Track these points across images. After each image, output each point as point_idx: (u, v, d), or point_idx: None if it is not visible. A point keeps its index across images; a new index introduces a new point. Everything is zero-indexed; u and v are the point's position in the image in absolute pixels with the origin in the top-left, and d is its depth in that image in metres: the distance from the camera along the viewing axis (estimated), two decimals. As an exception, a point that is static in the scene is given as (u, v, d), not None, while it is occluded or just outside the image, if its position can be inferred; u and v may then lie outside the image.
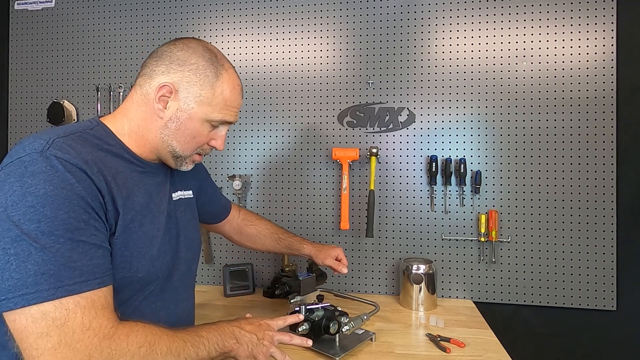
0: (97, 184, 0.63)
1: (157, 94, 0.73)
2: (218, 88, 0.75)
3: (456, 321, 1.21)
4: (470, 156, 1.40)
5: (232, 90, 0.78)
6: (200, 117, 0.75)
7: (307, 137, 1.50)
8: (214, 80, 0.75)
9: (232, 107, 0.78)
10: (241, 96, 0.81)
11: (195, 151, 0.79)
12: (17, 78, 1.68)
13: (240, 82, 0.81)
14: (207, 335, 0.69)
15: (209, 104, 0.75)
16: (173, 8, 1.58)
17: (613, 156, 1.33)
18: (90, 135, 0.70)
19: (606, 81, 1.33)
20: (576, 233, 1.35)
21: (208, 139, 0.79)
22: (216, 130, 0.80)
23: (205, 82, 0.74)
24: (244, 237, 1.18)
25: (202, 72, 0.74)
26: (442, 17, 1.42)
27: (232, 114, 0.79)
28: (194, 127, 0.76)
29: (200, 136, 0.77)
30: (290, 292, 1.16)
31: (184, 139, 0.76)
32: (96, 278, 0.59)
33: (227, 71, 0.77)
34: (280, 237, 1.19)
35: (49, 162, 0.60)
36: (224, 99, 0.76)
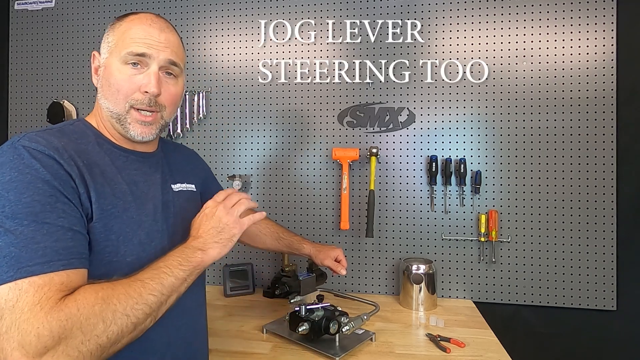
0: (67, 169, 0.63)
1: (93, 67, 0.76)
2: (123, 27, 0.74)
3: (456, 321, 1.22)
4: (470, 156, 1.40)
5: (139, 23, 0.73)
6: (114, 61, 0.73)
7: (307, 137, 1.50)
8: (119, 24, 0.75)
9: (139, 38, 0.72)
10: (156, 28, 0.74)
11: (127, 103, 0.73)
12: (17, 78, 1.68)
13: (155, 17, 0.76)
14: (165, 264, 0.66)
15: (115, 46, 0.73)
16: (173, 8, 1.58)
17: (613, 156, 1.33)
18: (69, 130, 0.72)
19: (606, 81, 1.33)
20: (576, 233, 1.35)
21: (134, 85, 0.73)
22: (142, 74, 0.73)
23: (112, 31, 0.75)
24: (245, 235, 1.17)
25: (112, 25, 0.75)
26: (442, 17, 1.42)
27: (140, 44, 0.72)
28: (112, 76, 0.72)
29: (121, 81, 0.72)
30: (290, 292, 1.17)
31: (109, 93, 0.73)
32: (60, 260, 0.57)
33: (135, 14, 0.76)
34: (281, 236, 1.19)
35: (17, 151, 0.61)
36: (128, 35, 0.72)
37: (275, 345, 1.05)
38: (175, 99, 0.79)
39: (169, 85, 0.76)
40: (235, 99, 1.54)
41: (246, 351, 1.02)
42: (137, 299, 0.59)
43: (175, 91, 0.78)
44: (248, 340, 1.08)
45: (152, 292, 0.61)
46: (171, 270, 0.65)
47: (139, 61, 0.73)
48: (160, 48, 0.74)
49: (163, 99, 0.76)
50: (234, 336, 1.11)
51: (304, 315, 1.02)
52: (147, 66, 0.73)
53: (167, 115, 0.78)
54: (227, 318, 1.24)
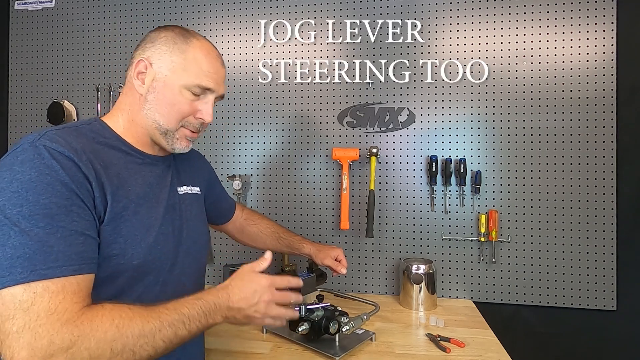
0: (85, 171, 0.64)
1: (135, 72, 0.76)
2: (190, 53, 0.76)
3: (456, 321, 1.21)
4: (470, 156, 1.40)
5: (206, 55, 0.78)
6: (176, 83, 0.75)
7: (307, 137, 1.50)
8: (185, 47, 0.76)
9: (208, 72, 0.77)
10: (220, 64, 0.81)
11: (180, 123, 0.78)
12: (17, 78, 1.68)
13: (217, 50, 0.81)
14: (188, 313, 0.65)
15: (182, 70, 0.75)
16: (173, 8, 1.58)
17: (613, 156, 1.33)
18: (86, 129, 0.72)
19: (606, 81, 1.33)
20: (576, 233, 1.35)
21: (192, 110, 0.78)
22: (199, 100, 0.78)
23: (174, 49, 0.76)
24: (246, 235, 1.19)
25: (172, 41, 0.76)
26: (442, 17, 1.42)
27: (210, 79, 0.77)
28: (172, 95, 0.75)
29: (181, 104, 0.76)
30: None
31: (164, 109, 0.76)
32: (72, 265, 0.58)
33: (197, 39, 0.78)
34: (281, 236, 1.19)
35: (37, 150, 0.61)
36: (197, 64, 0.76)
37: (275, 345, 1.05)
38: None
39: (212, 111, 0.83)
40: (235, 99, 1.54)
41: (246, 351, 1.02)
42: (149, 340, 0.60)
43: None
44: (248, 340, 1.08)
45: (164, 339, 0.62)
46: (189, 323, 0.65)
47: (201, 92, 0.78)
48: (220, 83, 0.80)
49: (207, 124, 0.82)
50: (234, 336, 1.11)
51: (304, 315, 1.02)
52: (206, 96, 0.79)
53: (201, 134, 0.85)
54: (227, 318, 1.23)
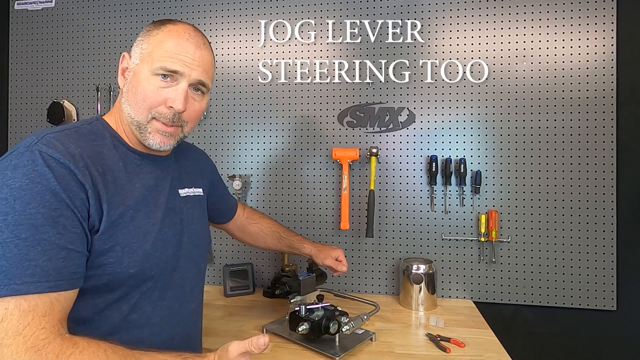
0: (81, 179, 0.62)
1: (120, 68, 0.75)
2: (158, 37, 0.72)
3: (456, 321, 1.22)
4: (470, 156, 1.40)
5: (176, 36, 0.72)
6: (144, 70, 0.71)
7: (307, 137, 1.50)
8: (155, 32, 0.73)
9: (174, 53, 0.71)
10: (192, 45, 0.73)
11: (150, 114, 0.72)
12: (17, 78, 1.68)
13: (193, 33, 0.74)
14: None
15: (149, 55, 0.71)
16: (173, 8, 1.58)
17: (613, 156, 1.33)
18: (87, 130, 0.71)
19: (606, 81, 1.33)
20: (576, 233, 1.35)
21: (160, 98, 0.71)
22: (169, 88, 0.72)
23: (147, 37, 0.73)
24: (246, 234, 1.18)
25: (147, 31, 0.74)
26: (442, 17, 1.42)
27: (175, 60, 0.71)
28: (140, 84, 0.71)
29: (146, 92, 0.71)
30: (290, 292, 1.17)
31: (133, 99, 0.72)
32: (49, 281, 0.56)
33: (174, 24, 0.74)
34: (282, 235, 1.18)
35: (32, 156, 0.60)
36: (163, 46, 0.71)
37: (275, 345, 1.05)
38: (198, 115, 0.78)
39: (194, 102, 0.76)
40: (235, 99, 1.54)
41: (246, 351, 1.02)
42: None
43: (200, 107, 0.78)
44: (248, 340, 1.08)
45: None
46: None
47: (169, 75, 0.72)
48: (193, 66, 0.72)
49: (186, 115, 0.75)
50: (234, 336, 1.10)
51: (304, 315, 1.02)
52: (177, 81, 0.72)
53: (187, 130, 0.78)
54: (227, 318, 1.24)
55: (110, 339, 0.67)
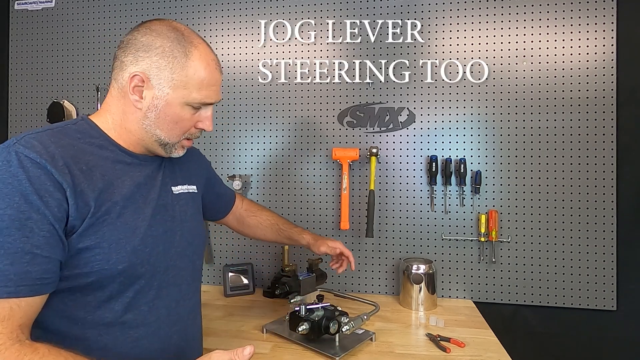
0: (58, 179, 0.61)
1: (131, 86, 0.71)
2: (191, 68, 0.71)
3: (456, 321, 1.22)
4: (470, 156, 1.40)
5: (207, 67, 0.73)
6: (178, 101, 0.72)
7: (307, 137, 1.50)
8: (184, 61, 0.71)
9: (210, 85, 0.74)
10: (219, 71, 0.76)
11: (182, 137, 0.77)
12: (17, 78, 1.68)
13: (215, 56, 0.76)
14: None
15: (184, 87, 0.72)
16: (173, 8, 1.58)
17: (613, 156, 1.33)
18: (72, 129, 0.70)
19: (606, 81, 1.33)
20: (576, 233, 1.35)
21: (193, 122, 0.76)
22: (200, 111, 0.76)
23: (175, 64, 0.71)
24: (245, 226, 1.17)
25: (170, 54, 0.70)
26: (442, 17, 1.42)
27: (212, 93, 0.74)
28: (174, 113, 0.73)
29: (183, 121, 0.74)
30: (290, 292, 1.17)
31: (167, 126, 0.74)
32: (8, 286, 0.55)
33: (197, 48, 0.73)
34: (281, 227, 1.17)
35: (8, 157, 0.60)
36: (199, 79, 0.72)
37: (275, 345, 1.05)
38: None
39: None
40: (235, 99, 1.54)
41: (246, 351, 1.02)
42: None
43: None
44: (248, 340, 1.08)
45: None
46: None
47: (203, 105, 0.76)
48: (219, 92, 0.78)
49: None
50: (234, 336, 1.11)
51: (304, 315, 1.02)
52: (206, 106, 0.77)
53: None
54: (227, 318, 1.24)
55: (105, 339, 0.67)
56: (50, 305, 0.64)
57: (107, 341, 0.68)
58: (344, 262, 1.16)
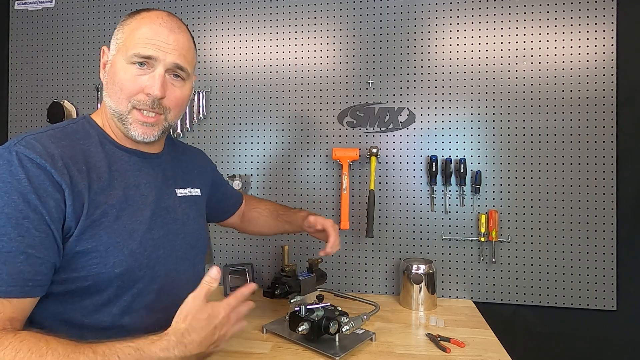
0: (57, 179, 0.61)
1: (101, 63, 0.75)
2: (131, 25, 0.72)
3: (456, 321, 1.21)
4: (470, 156, 1.40)
5: (149, 23, 0.71)
6: (120, 60, 0.71)
7: (307, 137, 1.50)
8: (130, 21, 0.73)
9: (148, 39, 0.70)
10: (167, 30, 0.72)
11: (130, 104, 0.71)
12: (17, 78, 1.68)
13: (169, 19, 0.73)
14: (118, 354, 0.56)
15: (124, 44, 0.71)
16: (173, 8, 1.58)
17: (613, 156, 1.33)
18: (72, 129, 0.71)
19: (606, 81, 1.33)
20: (576, 233, 1.35)
21: (138, 86, 0.71)
22: (147, 75, 0.71)
23: (121, 27, 0.73)
24: (247, 222, 1.17)
25: (123, 21, 0.73)
26: (442, 17, 1.42)
27: (147, 45, 0.70)
28: (117, 74, 0.71)
29: (124, 80, 0.70)
30: (290, 292, 1.17)
31: (113, 91, 0.71)
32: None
33: (147, 11, 0.73)
34: (279, 213, 1.16)
35: (9, 157, 0.60)
36: (137, 34, 0.70)
37: (275, 345, 1.05)
38: (180, 102, 0.77)
39: (175, 88, 0.74)
40: (235, 99, 1.54)
41: (246, 351, 1.02)
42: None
43: (181, 94, 0.76)
44: (248, 340, 1.08)
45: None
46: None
47: (145, 62, 0.71)
48: (167, 50, 0.71)
49: (167, 101, 0.73)
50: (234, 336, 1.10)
51: (304, 315, 1.02)
52: (153, 67, 0.71)
53: (171, 118, 0.76)
54: (227, 318, 1.23)
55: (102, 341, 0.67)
56: (47, 308, 0.64)
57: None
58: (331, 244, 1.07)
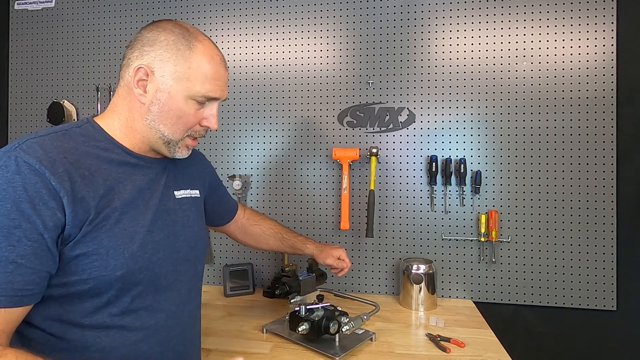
0: (56, 186, 0.60)
1: (135, 79, 0.71)
2: (194, 61, 0.71)
3: (456, 321, 1.22)
4: (470, 156, 1.40)
5: (211, 61, 0.73)
6: (182, 94, 0.71)
7: (307, 137, 1.50)
8: (188, 53, 0.71)
9: (213, 79, 0.73)
10: (224, 68, 0.76)
11: (185, 134, 0.75)
12: (17, 78, 1.68)
13: (219, 53, 0.76)
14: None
15: (187, 79, 0.71)
16: (173, 8, 1.58)
17: (613, 156, 1.33)
18: (76, 133, 0.70)
19: (606, 81, 1.33)
20: (576, 233, 1.35)
21: (197, 119, 0.75)
22: (204, 108, 0.75)
23: (178, 57, 0.71)
24: (248, 236, 1.17)
25: (174, 47, 0.71)
26: (442, 17, 1.42)
27: (216, 87, 0.74)
28: (178, 107, 0.72)
29: (187, 116, 0.73)
30: (290, 292, 1.17)
31: (170, 121, 0.73)
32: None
33: (201, 42, 0.73)
34: (284, 236, 1.18)
35: (7, 161, 0.59)
36: (202, 72, 0.72)
37: (275, 345, 1.05)
38: None
39: None
40: (235, 99, 1.54)
41: (246, 351, 1.02)
42: None
43: None
44: (248, 340, 1.08)
45: None
46: None
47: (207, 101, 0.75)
48: (224, 89, 0.77)
49: None
50: (234, 336, 1.11)
51: (304, 315, 1.02)
52: (211, 103, 0.76)
53: None
54: (227, 318, 1.24)
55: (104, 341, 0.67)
56: (47, 310, 0.64)
57: (106, 344, 0.67)
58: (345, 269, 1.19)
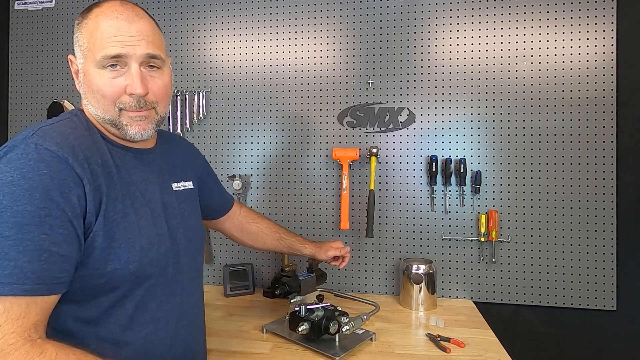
0: (79, 173, 0.60)
1: (73, 73, 0.72)
2: (90, 28, 0.67)
3: (456, 321, 1.22)
4: (470, 156, 1.40)
5: (105, 19, 0.66)
6: (91, 67, 0.67)
7: (307, 137, 1.50)
8: (85, 22, 0.68)
9: (109, 37, 0.66)
10: (124, 20, 0.67)
11: (117, 107, 0.69)
12: (17, 78, 1.68)
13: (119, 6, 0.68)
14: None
15: (89, 50, 0.67)
16: (173, 8, 1.58)
17: (613, 156, 1.33)
18: (75, 123, 0.69)
19: (606, 81, 1.33)
20: (576, 233, 1.35)
21: (119, 88, 0.68)
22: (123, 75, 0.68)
23: (81, 31, 0.68)
24: (245, 234, 1.16)
25: (77, 25, 0.69)
26: (442, 17, 1.42)
27: (113, 43, 0.66)
28: (92, 81, 0.68)
29: (105, 87, 0.67)
30: (290, 292, 1.17)
31: (95, 100, 0.69)
32: (25, 284, 0.54)
33: (98, 7, 0.68)
34: (282, 236, 1.17)
35: (27, 149, 0.58)
36: (99, 36, 0.66)
37: (275, 345, 1.05)
38: (165, 91, 0.74)
39: (155, 79, 0.72)
40: (235, 99, 1.54)
41: (246, 351, 1.02)
42: None
43: (163, 83, 0.73)
44: (248, 340, 1.08)
45: None
46: None
47: (116, 62, 0.67)
48: (134, 43, 0.67)
49: (152, 96, 0.71)
50: (234, 336, 1.11)
51: (304, 315, 1.02)
52: (127, 65, 0.68)
53: (161, 110, 0.74)
54: (227, 318, 1.24)
55: (117, 336, 0.68)
56: (62, 306, 0.64)
57: (119, 338, 0.68)
58: (346, 257, 1.21)
